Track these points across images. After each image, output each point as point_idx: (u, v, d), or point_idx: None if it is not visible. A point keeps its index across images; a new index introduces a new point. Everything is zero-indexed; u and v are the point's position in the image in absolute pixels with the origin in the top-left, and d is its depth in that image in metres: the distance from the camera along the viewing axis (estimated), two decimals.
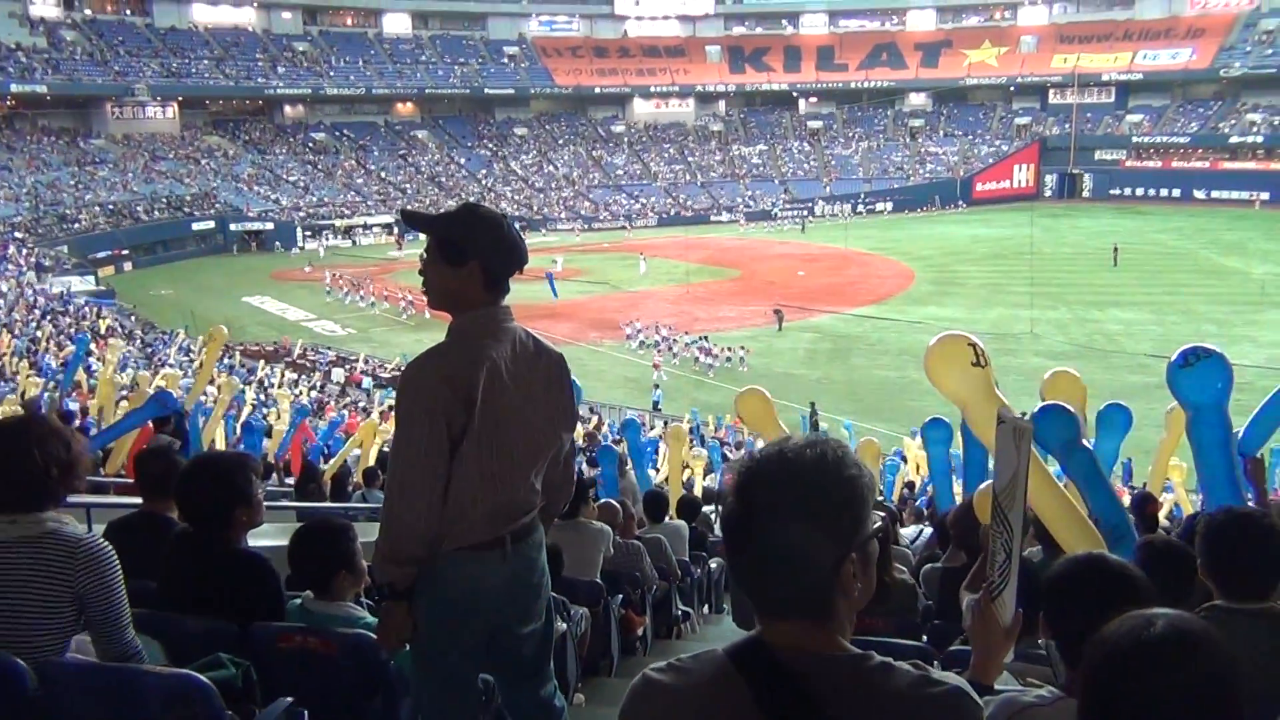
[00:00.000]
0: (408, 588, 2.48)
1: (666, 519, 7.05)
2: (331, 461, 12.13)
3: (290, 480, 9.92)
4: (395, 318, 39.25)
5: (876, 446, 10.17)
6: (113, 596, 2.39)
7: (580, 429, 19.77)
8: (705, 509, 9.86)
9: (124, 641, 2.42)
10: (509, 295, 2.64)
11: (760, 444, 1.30)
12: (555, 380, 2.63)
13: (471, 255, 2.50)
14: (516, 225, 2.67)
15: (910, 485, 13.99)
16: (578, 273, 47.68)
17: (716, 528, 9.37)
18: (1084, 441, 3.73)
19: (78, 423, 10.31)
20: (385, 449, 11.85)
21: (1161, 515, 9.50)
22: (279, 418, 15.80)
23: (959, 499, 6.19)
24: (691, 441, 13.77)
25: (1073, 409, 3.85)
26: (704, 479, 12.86)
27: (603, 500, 6.15)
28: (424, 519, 2.40)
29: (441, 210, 2.77)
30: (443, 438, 2.39)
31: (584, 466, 12.04)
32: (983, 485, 3.80)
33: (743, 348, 30.97)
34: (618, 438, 14.64)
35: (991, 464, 2.28)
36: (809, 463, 1.29)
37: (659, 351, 31.69)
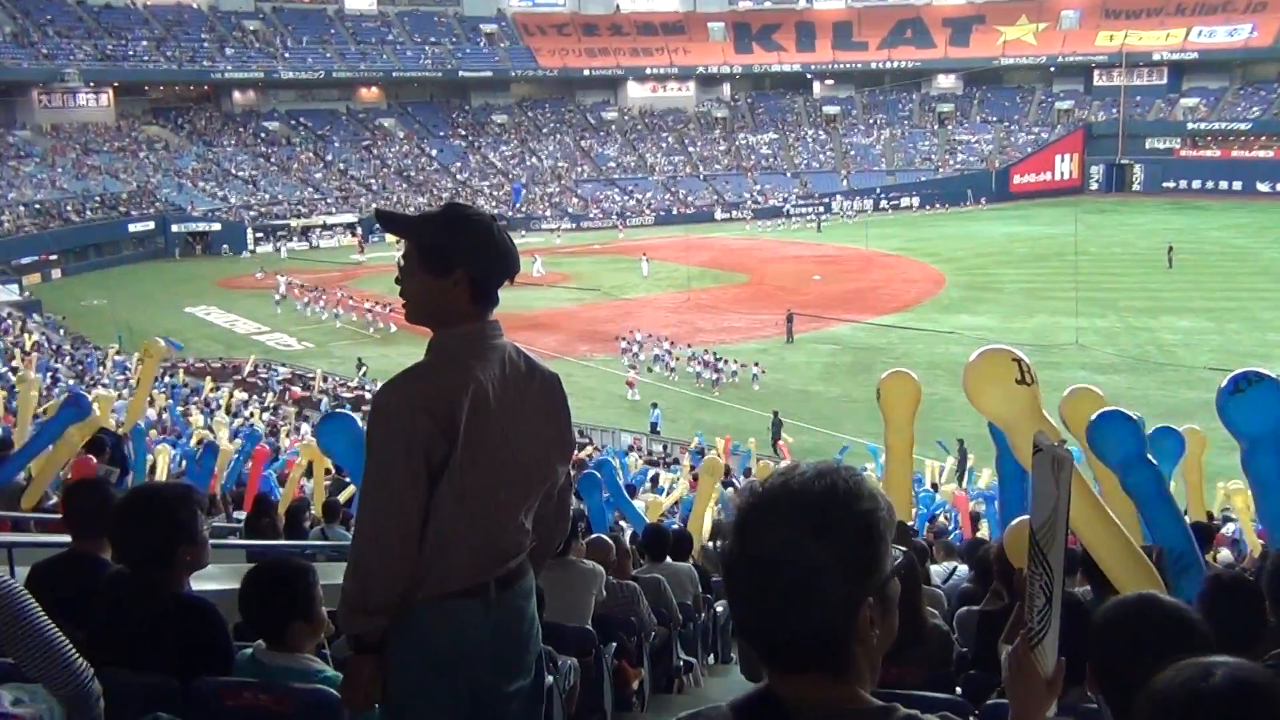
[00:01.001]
0: (378, 640, 2.46)
1: (668, 558, 7.05)
2: (283, 492, 12.11)
3: (240, 515, 9.90)
4: (359, 330, 39.29)
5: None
6: (30, 625, 2.43)
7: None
8: (710, 545, 9.83)
9: (70, 670, 2.46)
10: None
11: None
12: (549, 404, 2.62)
13: (457, 263, 2.49)
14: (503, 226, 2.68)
15: (932, 519, 14.02)
16: (564, 278, 47.64)
17: None
18: (1149, 457, 3.72)
19: None
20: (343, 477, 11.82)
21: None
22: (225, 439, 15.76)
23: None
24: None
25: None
26: (714, 510, 12.88)
27: (594, 536, 6.14)
28: (398, 563, 2.39)
29: (420, 211, 2.77)
30: (421, 471, 2.38)
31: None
32: (1015, 522, 3.79)
33: (756, 364, 31.03)
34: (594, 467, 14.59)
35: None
36: (817, 494, 1.27)
37: (634, 368, 31.60)
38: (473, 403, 2.42)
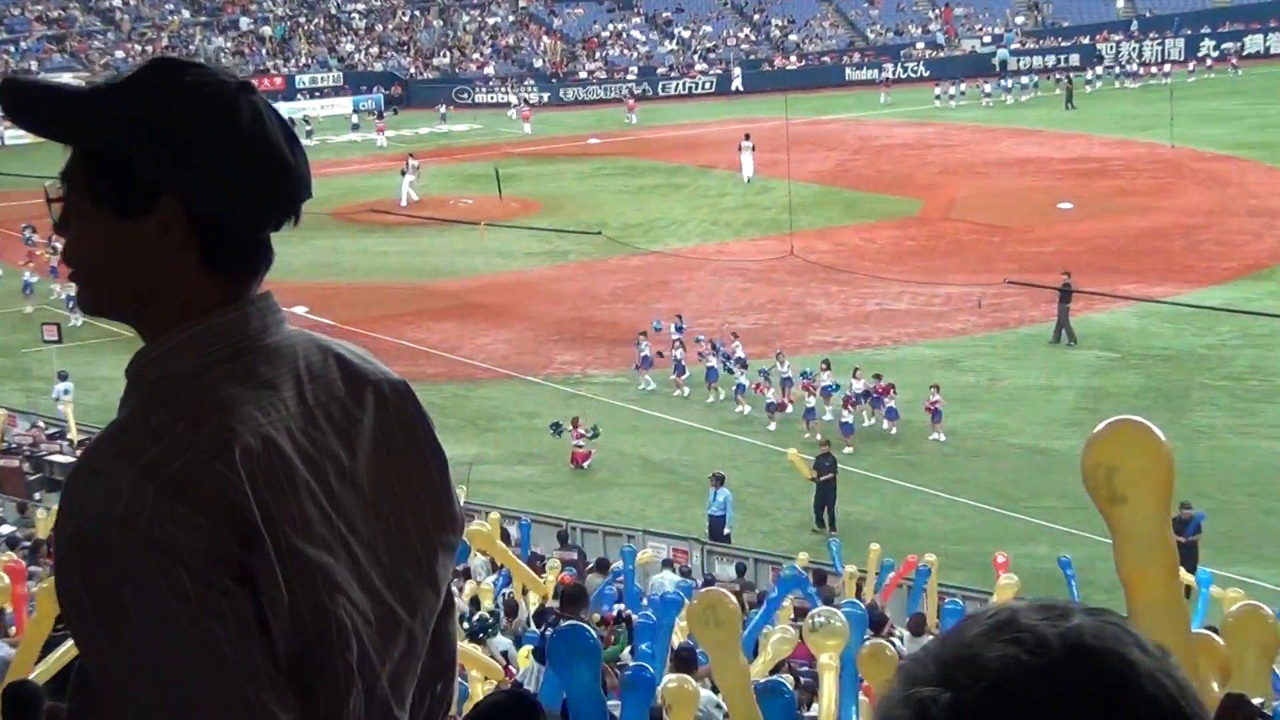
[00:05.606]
0: None
1: None
2: None
3: None
4: None
5: None
6: None
7: (542, 585, 19.66)
8: None
9: None
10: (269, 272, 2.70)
11: None
12: (402, 445, 2.80)
13: (166, 184, 2.57)
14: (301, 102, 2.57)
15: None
16: (525, 207, 48.27)
17: None
18: None
19: None
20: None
21: None
22: None
23: None
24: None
25: None
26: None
27: None
28: None
29: (97, 79, 2.75)
30: (242, 606, 2.46)
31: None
32: None
33: (933, 389, 30.95)
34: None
35: None
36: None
37: (582, 436, 30.49)
38: (252, 478, 2.49)
